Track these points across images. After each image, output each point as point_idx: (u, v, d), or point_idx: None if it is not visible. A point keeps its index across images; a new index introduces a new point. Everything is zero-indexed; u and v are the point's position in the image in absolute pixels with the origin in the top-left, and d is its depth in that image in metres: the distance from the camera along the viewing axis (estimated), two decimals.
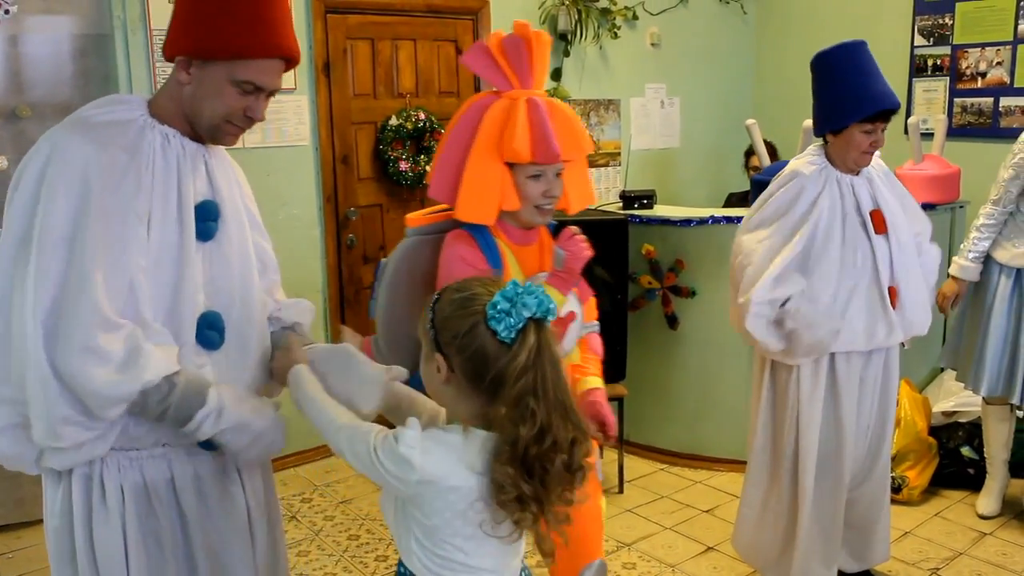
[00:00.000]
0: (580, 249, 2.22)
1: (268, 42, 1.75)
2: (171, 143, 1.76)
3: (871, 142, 2.72)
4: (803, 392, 2.84)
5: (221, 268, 1.81)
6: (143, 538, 1.77)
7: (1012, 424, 3.72)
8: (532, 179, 2.20)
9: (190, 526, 1.82)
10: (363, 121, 4.61)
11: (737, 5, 6.10)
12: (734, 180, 5.84)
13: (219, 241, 1.81)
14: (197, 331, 1.75)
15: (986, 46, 5.09)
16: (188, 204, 1.75)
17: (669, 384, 4.40)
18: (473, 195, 2.19)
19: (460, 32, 4.92)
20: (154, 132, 1.75)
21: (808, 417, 2.85)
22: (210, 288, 1.79)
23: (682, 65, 5.90)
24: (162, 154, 1.74)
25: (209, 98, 1.75)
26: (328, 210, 4.53)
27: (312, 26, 4.36)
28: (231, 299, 1.82)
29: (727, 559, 3.46)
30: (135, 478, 1.76)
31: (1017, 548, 3.52)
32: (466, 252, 2.19)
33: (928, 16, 5.32)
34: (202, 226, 1.77)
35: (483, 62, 2.24)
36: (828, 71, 2.78)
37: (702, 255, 4.21)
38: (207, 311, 1.77)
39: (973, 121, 5.18)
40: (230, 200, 1.86)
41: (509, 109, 2.18)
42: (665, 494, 4.11)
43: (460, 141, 2.23)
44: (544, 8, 5.13)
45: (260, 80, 1.76)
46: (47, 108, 3.74)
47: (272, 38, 1.76)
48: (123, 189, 1.66)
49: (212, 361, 1.78)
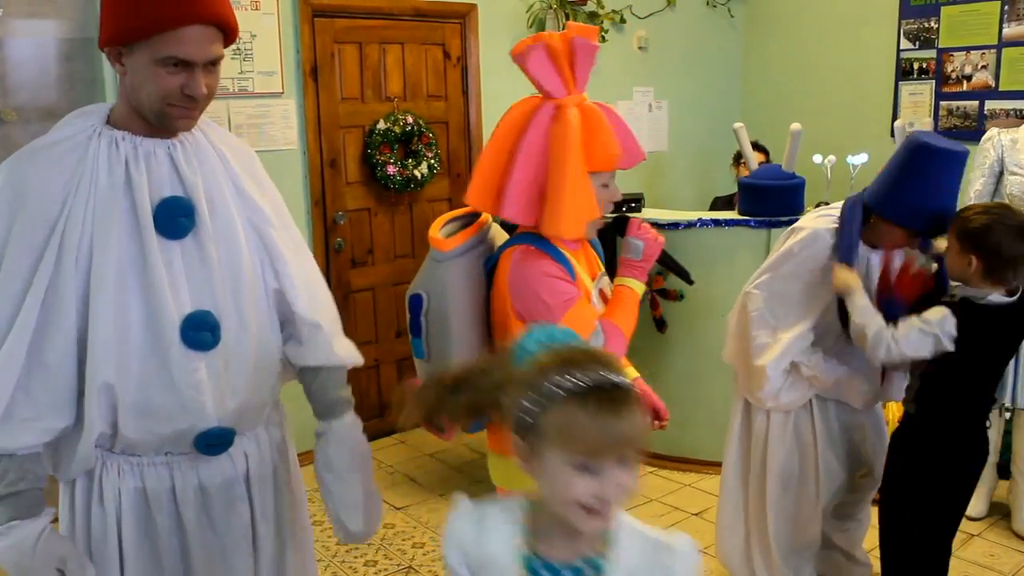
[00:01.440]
0: (654, 237, 2.27)
1: (181, 10, 1.63)
2: (120, 147, 1.70)
3: (908, 244, 2.64)
4: (772, 430, 2.86)
5: (204, 264, 1.73)
6: (139, 543, 1.76)
7: (1000, 426, 3.74)
8: (603, 187, 2.15)
9: (189, 536, 1.80)
10: (351, 125, 4.60)
11: (724, 8, 6.12)
12: (722, 183, 5.85)
13: (197, 236, 1.73)
14: (183, 333, 1.69)
15: (971, 49, 5.12)
16: (143, 205, 1.68)
17: (657, 387, 4.32)
18: (575, 210, 2.07)
19: (448, 36, 4.92)
20: (100, 141, 1.69)
21: (776, 438, 2.86)
22: (195, 286, 1.72)
23: (670, 68, 5.92)
24: (106, 163, 1.68)
25: (144, 84, 1.67)
26: (316, 214, 4.51)
27: (300, 30, 4.35)
28: (221, 296, 1.75)
29: (716, 563, 3.46)
30: (135, 483, 1.75)
31: (1004, 549, 3.54)
32: (551, 268, 2.09)
33: (914, 20, 5.34)
34: (170, 223, 1.70)
35: (545, 64, 2.07)
36: (923, 168, 2.52)
37: (690, 258, 4.18)
38: (194, 311, 1.70)
39: (959, 124, 5.21)
40: (212, 192, 1.77)
41: (586, 116, 2.08)
42: (654, 497, 4.11)
43: (534, 153, 2.08)
44: (532, 12, 5.14)
45: (183, 52, 1.64)
46: (32, 112, 3.72)
47: (185, 5, 1.63)
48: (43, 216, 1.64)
49: (207, 362, 1.72)
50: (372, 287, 4.83)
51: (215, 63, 1.71)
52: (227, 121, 4.11)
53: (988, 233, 2.41)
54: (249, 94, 4.22)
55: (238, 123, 4.18)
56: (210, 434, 1.76)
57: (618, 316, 2.18)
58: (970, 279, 2.48)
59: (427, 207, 4.91)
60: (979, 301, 2.48)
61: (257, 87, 4.24)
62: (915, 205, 2.53)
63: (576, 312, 2.07)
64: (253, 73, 4.21)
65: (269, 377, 1.89)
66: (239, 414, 1.81)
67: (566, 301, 2.07)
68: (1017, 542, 3.59)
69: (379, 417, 4.95)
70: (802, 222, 2.81)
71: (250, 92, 4.22)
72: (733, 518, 3.06)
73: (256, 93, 4.24)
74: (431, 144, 4.76)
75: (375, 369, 4.88)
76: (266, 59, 4.25)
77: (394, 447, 4.84)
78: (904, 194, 2.54)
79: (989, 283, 2.46)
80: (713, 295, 4.14)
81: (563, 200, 2.04)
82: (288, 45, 4.34)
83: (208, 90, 1.70)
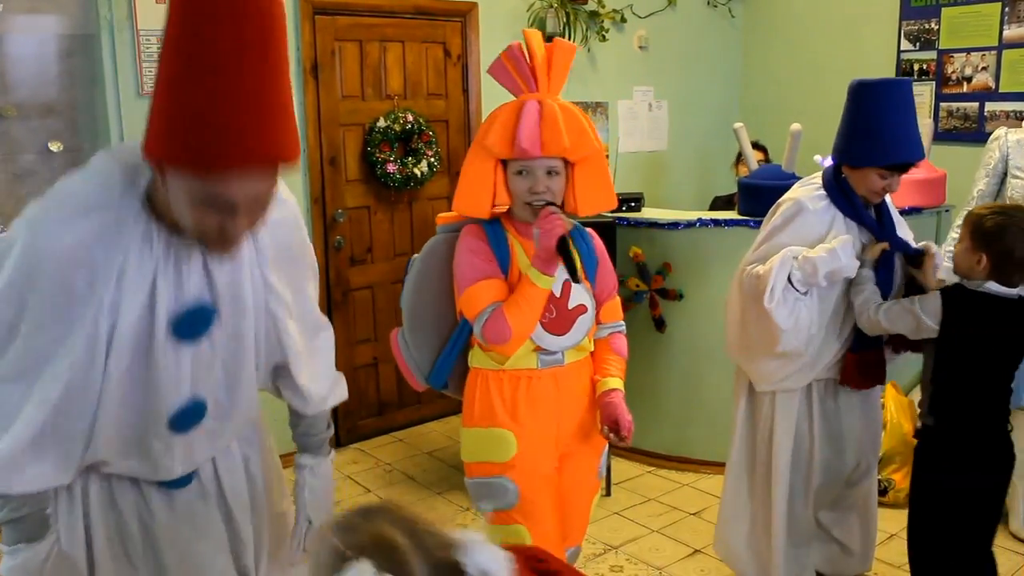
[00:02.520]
0: (551, 224, 2.19)
1: (232, 153, 1.40)
2: (153, 245, 1.57)
3: (884, 186, 2.64)
4: (779, 409, 2.85)
5: (211, 362, 1.71)
6: (110, 549, 1.77)
7: None
8: (518, 175, 2.27)
9: (160, 541, 1.81)
10: (351, 123, 4.60)
11: (725, 8, 6.12)
12: (722, 183, 5.85)
13: (211, 338, 1.68)
14: (171, 421, 1.69)
15: (971, 51, 5.12)
16: (161, 314, 1.59)
17: (656, 387, 4.41)
18: (465, 190, 2.31)
19: (448, 34, 4.92)
20: (135, 228, 1.54)
21: (783, 433, 2.85)
22: (196, 379, 1.70)
23: (670, 68, 5.92)
24: (138, 255, 1.55)
25: (180, 209, 1.49)
26: (316, 212, 4.51)
27: (300, 27, 4.35)
28: (217, 387, 1.74)
29: (714, 562, 3.47)
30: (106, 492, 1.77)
31: (1000, 550, 3.51)
32: (473, 243, 2.30)
33: (914, 21, 5.35)
34: (189, 329, 1.63)
35: (501, 72, 2.34)
36: (865, 105, 2.62)
37: (690, 258, 4.22)
38: (187, 403, 1.70)
39: (959, 125, 5.21)
40: (237, 289, 1.69)
41: (507, 110, 2.28)
42: (652, 497, 4.12)
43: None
44: (533, 11, 5.13)
45: (226, 195, 1.44)
46: (32, 108, 3.72)
47: (238, 147, 1.40)
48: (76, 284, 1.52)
49: (186, 438, 1.74)
50: (371, 285, 4.83)
51: (265, 197, 1.53)
52: None
53: (1002, 235, 2.41)
54: None
55: None
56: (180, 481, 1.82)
57: (509, 305, 2.23)
58: (976, 276, 2.48)
59: (427, 205, 4.91)
60: (975, 288, 2.48)
61: None
62: (869, 142, 2.59)
63: (475, 291, 2.25)
64: None
65: (244, 427, 1.93)
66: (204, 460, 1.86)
67: (473, 278, 2.26)
68: (1014, 543, 3.60)
69: (377, 415, 4.97)
70: (787, 194, 2.82)
71: None
72: (736, 508, 3.05)
73: None
74: (431, 142, 4.76)
75: (373, 367, 4.88)
76: None
77: (392, 445, 4.84)
78: (858, 134, 2.62)
79: (993, 281, 2.46)
80: (712, 295, 4.14)
81: (460, 180, 2.33)
82: (289, 42, 4.30)
83: (251, 224, 1.55)
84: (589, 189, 2.33)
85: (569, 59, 2.35)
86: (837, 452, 2.91)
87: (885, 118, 2.58)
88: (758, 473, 2.96)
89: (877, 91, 2.60)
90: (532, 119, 2.22)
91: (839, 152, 2.70)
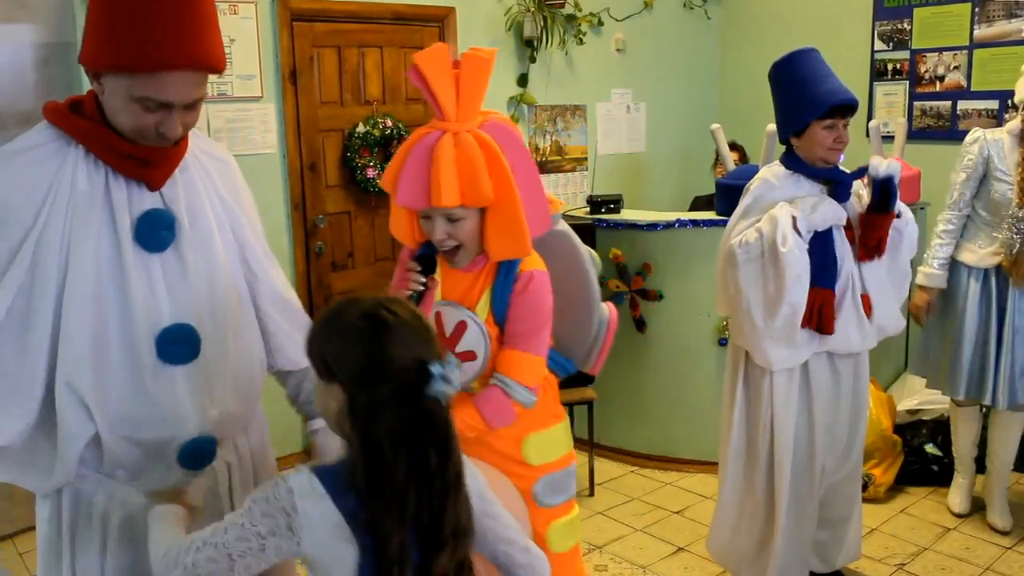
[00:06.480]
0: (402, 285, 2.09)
1: (166, 55, 1.56)
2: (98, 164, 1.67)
3: (835, 138, 2.77)
4: (777, 395, 2.87)
5: (184, 278, 1.72)
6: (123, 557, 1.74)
7: (980, 423, 3.77)
8: (425, 219, 2.07)
9: None
10: (330, 129, 4.61)
11: (701, 10, 6.17)
12: (701, 184, 5.89)
13: (178, 250, 1.72)
14: (160, 347, 1.68)
15: (944, 51, 5.19)
16: (123, 218, 1.66)
17: (638, 387, 4.44)
18: (392, 218, 2.19)
19: (427, 40, 4.93)
20: (79, 148, 1.66)
21: (783, 419, 2.88)
22: (175, 299, 1.71)
23: (647, 70, 5.96)
24: (85, 170, 1.65)
25: (118, 112, 1.63)
26: (296, 218, 4.52)
27: (278, 34, 4.35)
28: (201, 309, 1.74)
29: (698, 559, 3.50)
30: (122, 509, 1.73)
31: (979, 542, 3.59)
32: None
33: (887, 21, 5.41)
34: (150, 237, 1.69)
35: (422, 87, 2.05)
36: (784, 77, 2.87)
37: (669, 258, 4.26)
38: (172, 324, 1.69)
39: (932, 124, 5.28)
40: (192, 204, 1.76)
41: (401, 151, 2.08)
42: (636, 496, 4.14)
43: None
44: (510, 15, 5.16)
45: (163, 96, 1.60)
46: (9, 118, 3.70)
47: (169, 49, 1.56)
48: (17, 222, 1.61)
49: (186, 375, 1.72)
50: (353, 291, 4.83)
51: (196, 102, 1.67)
52: (206, 125, 4.10)
53: None
54: (228, 98, 4.21)
55: (217, 127, 4.18)
56: (193, 444, 1.74)
57: None
58: None
59: None
60: None
61: (236, 91, 4.24)
62: (801, 103, 2.78)
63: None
64: (232, 77, 4.21)
65: (252, 383, 1.89)
66: (221, 423, 1.80)
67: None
68: (992, 535, 3.65)
69: None
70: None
71: (229, 96, 4.21)
72: (735, 504, 3.07)
73: (235, 97, 4.24)
74: None
75: None
76: (245, 63, 4.25)
77: None
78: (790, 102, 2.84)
79: None
80: (692, 295, 4.18)
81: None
82: (267, 49, 4.33)
83: (185, 128, 1.68)
84: (497, 235, 2.06)
85: (483, 75, 2.03)
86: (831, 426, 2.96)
87: (807, 77, 2.80)
88: (761, 460, 2.96)
89: (790, 60, 2.85)
90: (417, 168, 2.00)
91: (782, 128, 2.89)
